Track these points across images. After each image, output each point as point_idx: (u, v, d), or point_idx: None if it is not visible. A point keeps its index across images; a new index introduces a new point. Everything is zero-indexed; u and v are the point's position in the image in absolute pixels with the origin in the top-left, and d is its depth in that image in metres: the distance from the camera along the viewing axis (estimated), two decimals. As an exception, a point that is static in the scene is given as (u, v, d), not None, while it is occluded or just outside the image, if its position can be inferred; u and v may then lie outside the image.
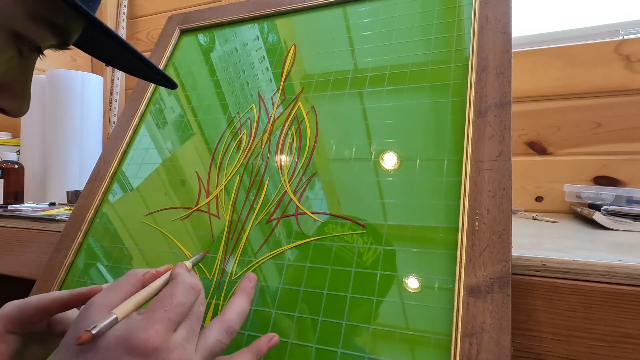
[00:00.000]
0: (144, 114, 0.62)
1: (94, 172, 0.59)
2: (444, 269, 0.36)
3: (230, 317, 0.32)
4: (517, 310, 0.36)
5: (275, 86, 0.56)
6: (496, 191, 0.37)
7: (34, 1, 0.27)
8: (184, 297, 0.29)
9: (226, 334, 0.31)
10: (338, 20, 0.57)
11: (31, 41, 0.29)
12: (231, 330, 0.31)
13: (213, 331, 0.30)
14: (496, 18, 0.46)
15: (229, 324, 0.31)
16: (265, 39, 0.61)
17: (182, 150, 0.57)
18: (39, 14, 0.28)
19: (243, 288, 0.35)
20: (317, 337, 0.37)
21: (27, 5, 0.27)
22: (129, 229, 0.52)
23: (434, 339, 0.33)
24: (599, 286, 0.34)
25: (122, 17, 1.30)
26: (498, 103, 0.41)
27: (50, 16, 0.29)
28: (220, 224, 0.47)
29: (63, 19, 0.29)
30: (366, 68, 0.51)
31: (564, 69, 0.81)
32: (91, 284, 0.49)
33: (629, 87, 0.77)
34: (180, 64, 0.65)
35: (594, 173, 0.79)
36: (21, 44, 0.29)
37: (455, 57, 0.47)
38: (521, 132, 0.83)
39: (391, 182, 0.42)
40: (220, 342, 0.30)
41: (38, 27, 0.28)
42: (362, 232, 0.41)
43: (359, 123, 0.48)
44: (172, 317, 0.27)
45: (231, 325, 0.31)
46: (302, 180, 0.46)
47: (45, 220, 0.65)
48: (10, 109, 0.31)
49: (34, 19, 0.28)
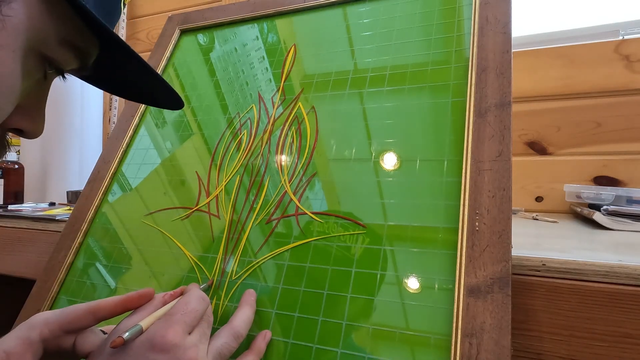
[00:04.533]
0: (144, 114, 0.62)
1: (94, 172, 0.59)
2: (444, 269, 0.36)
3: (237, 324, 0.36)
4: (517, 310, 0.36)
5: (275, 86, 0.56)
6: (496, 191, 0.37)
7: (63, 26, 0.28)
8: (197, 305, 0.33)
9: (234, 338, 0.34)
10: (338, 21, 0.57)
11: (57, 65, 0.30)
12: (238, 335, 0.35)
13: (222, 336, 0.34)
14: (496, 18, 0.46)
15: (236, 330, 0.35)
16: (265, 39, 0.61)
17: (182, 151, 0.57)
18: (66, 37, 0.29)
19: (246, 300, 0.39)
20: (317, 337, 0.37)
21: (57, 30, 0.28)
22: (128, 229, 0.52)
23: (434, 339, 0.33)
24: (599, 286, 0.34)
25: (122, 17, 1.30)
26: (498, 103, 0.41)
27: (75, 39, 0.29)
28: (221, 224, 0.47)
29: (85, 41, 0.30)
30: (366, 68, 0.51)
31: (564, 69, 0.81)
32: (91, 284, 0.49)
33: (629, 87, 0.77)
34: (180, 64, 0.65)
35: (594, 173, 0.79)
36: (47, 67, 0.29)
37: (456, 58, 0.47)
38: (521, 132, 0.83)
39: (391, 183, 0.42)
40: (229, 345, 0.34)
41: (65, 50, 0.29)
42: (362, 232, 0.41)
43: (359, 123, 0.48)
44: (187, 320, 0.31)
45: (238, 331, 0.35)
46: (302, 180, 0.46)
47: (45, 220, 0.65)
48: (28, 130, 0.31)
49: (62, 43, 0.29)
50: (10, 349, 0.31)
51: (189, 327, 0.31)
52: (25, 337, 0.32)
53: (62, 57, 0.29)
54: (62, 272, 0.51)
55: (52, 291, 0.49)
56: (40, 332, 0.32)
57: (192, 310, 0.32)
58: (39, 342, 0.32)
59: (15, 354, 0.31)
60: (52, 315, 0.33)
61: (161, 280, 0.46)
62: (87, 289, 0.49)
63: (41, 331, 0.32)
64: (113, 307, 0.34)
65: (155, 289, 0.37)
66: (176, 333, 0.30)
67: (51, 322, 0.33)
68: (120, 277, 0.49)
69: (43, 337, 0.32)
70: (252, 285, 0.42)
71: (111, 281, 0.49)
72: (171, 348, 0.29)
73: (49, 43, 0.28)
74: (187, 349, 0.30)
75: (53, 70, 0.30)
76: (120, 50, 0.32)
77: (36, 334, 0.32)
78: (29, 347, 0.32)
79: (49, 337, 0.33)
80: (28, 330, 0.32)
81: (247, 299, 0.39)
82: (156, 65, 0.65)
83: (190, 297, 0.34)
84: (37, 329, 0.32)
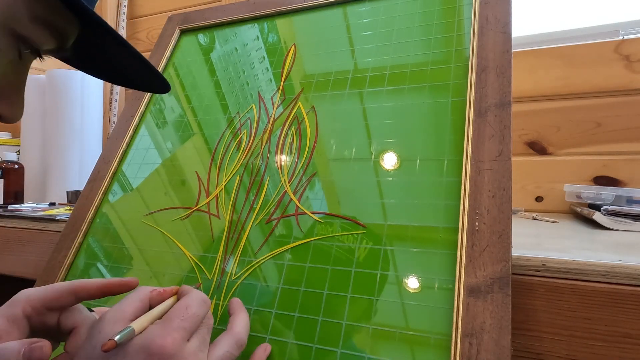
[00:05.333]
0: (144, 114, 0.62)
1: (94, 172, 0.59)
2: (444, 269, 0.36)
3: (239, 331, 0.34)
4: (517, 310, 0.36)
5: (275, 86, 0.56)
6: (496, 191, 0.37)
7: (37, 3, 0.27)
8: (197, 309, 0.31)
9: (236, 345, 0.33)
10: (338, 20, 0.57)
11: (32, 43, 0.29)
12: (241, 342, 0.34)
13: (224, 343, 0.32)
14: (496, 18, 0.46)
15: (239, 337, 0.34)
16: (265, 39, 0.61)
17: (182, 151, 0.57)
18: (40, 15, 0.28)
19: (238, 306, 0.38)
20: (317, 337, 0.37)
21: (29, 7, 0.27)
22: (129, 229, 0.52)
23: (433, 339, 0.33)
24: (599, 286, 0.34)
25: (122, 17, 1.30)
26: (498, 103, 0.41)
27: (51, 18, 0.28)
28: (220, 224, 0.47)
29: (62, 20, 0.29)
30: (366, 68, 0.51)
31: (564, 69, 0.81)
32: (91, 284, 0.49)
33: (629, 87, 0.77)
34: (180, 64, 0.65)
35: (594, 173, 0.79)
36: (22, 46, 0.29)
37: (455, 57, 0.47)
38: (521, 132, 0.83)
39: (391, 182, 0.42)
40: (231, 354, 0.32)
41: (39, 29, 0.28)
42: (362, 232, 0.41)
43: (359, 123, 0.48)
44: (187, 326, 0.30)
45: (241, 338, 0.34)
46: (302, 180, 0.46)
47: (45, 220, 0.65)
48: (5, 114, 0.30)
49: (36, 20, 0.28)
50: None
51: (189, 334, 0.30)
52: (9, 315, 0.31)
53: (37, 35, 0.28)
54: (62, 272, 0.51)
55: (52, 291, 0.49)
56: (23, 309, 0.32)
57: (193, 315, 0.31)
58: (22, 319, 0.32)
59: (2, 331, 0.30)
60: (35, 292, 0.33)
61: (161, 280, 0.46)
62: (87, 288, 0.49)
63: (24, 308, 0.32)
64: (94, 290, 0.34)
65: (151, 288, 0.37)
66: (174, 341, 0.28)
67: (33, 299, 0.33)
68: (120, 277, 0.49)
69: (26, 313, 0.32)
70: (252, 285, 0.42)
71: (111, 281, 0.49)
72: (169, 358, 0.28)
73: (21, 20, 0.27)
74: (186, 358, 0.28)
75: (28, 50, 0.29)
76: (101, 30, 0.30)
77: (19, 310, 0.32)
78: (13, 323, 0.31)
79: (32, 314, 0.32)
80: (11, 307, 0.32)
81: (237, 303, 0.38)
82: (156, 65, 0.65)
83: (191, 300, 0.32)
84: (20, 306, 0.32)
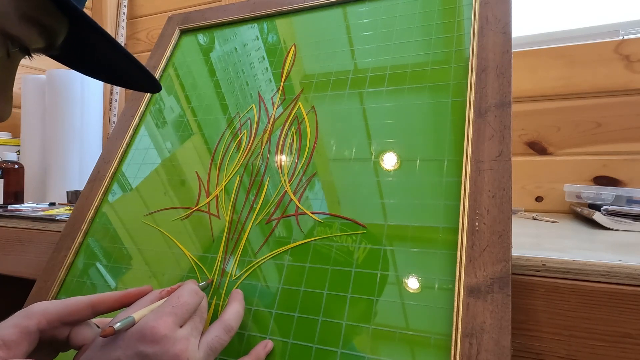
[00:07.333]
0: (144, 114, 0.62)
1: (94, 172, 0.59)
2: (444, 269, 0.36)
3: (228, 317, 0.35)
4: (517, 310, 0.36)
5: (275, 86, 0.56)
6: (496, 191, 0.37)
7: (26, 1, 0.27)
8: (189, 298, 0.33)
9: (225, 331, 0.34)
10: (338, 21, 0.57)
11: (21, 42, 0.29)
12: (229, 328, 0.35)
13: (213, 329, 0.34)
14: (496, 18, 0.46)
15: (227, 323, 0.35)
16: (265, 39, 0.61)
17: (182, 151, 0.57)
18: (29, 14, 0.28)
19: (234, 297, 0.39)
20: (317, 337, 0.37)
21: (18, 5, 0.27)
22: (128, 229, 0.52)
23: (434, 339, 0.33)
24: (599, 286, 0.34)
25: (122, 17, 1.30)
26: (498, 103, 0.41)
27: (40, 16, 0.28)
28: (220, 224, 0.47)
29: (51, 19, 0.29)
30: (366, 68, 0.51)
31: (564, 69, 0.81)
32: (91, 284, 0.49)
33: (629, 87, 0.77)
34: (180, 64, 0.65)
35: (594, 173, 0.79)
36: (10, 45, 0.28)
37: (455, 58, 0.47)
38: (521, 132, 0.83)
39: (391, 182, 0.42)
40: (220, 339, 0.33)
41: (28, 27, 0.28)
42: (362, 232, 0.41)
43: (359, 123, 0.48)
44: (178, 312, 0.31)
45: (229, 324, 0.35)
46: (302, 180, 0.46)
47: (45, 220, 0.65)
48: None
49: (25, 19, 0.28)
50: (6, 337, 0.30)
51: (180, 320, 0.31)
52: (23, 326, 0.31)
53: (26, 34, 0.28)
54: (62, 272, 0.51)
55: (52, 291, 0.50)
56: (38, 322, 0.32)
57: (184, 303, 0.32)
58: (36, 332, 0.31)
59: (12, 342, 0.30)
60: (52, 305, 0.33)
61: (161, 280, 0.46)
62: (87, 289, 0.49)
63: (39, 321, 0.32)
64: (112, 302, 0.35)
65: (154, 289, 0.37)
66: (166, 324, 0.30)
67: (50, 313, 0.32)
68: (120, 277, 0.49)
69: (41, 327, 0.32)
70: (252, 285, 0.42)
71: (111, 281, 0.49)
72: (161, 339, 0.29)
73: (10, 19, 0.27)
74: (177, 340, 0.29)
75: (17, 49, 0.29)
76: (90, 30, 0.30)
77: (34, 323, 0.31)
78: (26, 336, 0.31)
79: (46, 328, 0.32)
80: (26, 319, 0.31)
81: (235, 296, 0.39)
82: (156, 66, 0.65)
83: (182, 290, 0.34)
84: (36, 319, 0.32)
